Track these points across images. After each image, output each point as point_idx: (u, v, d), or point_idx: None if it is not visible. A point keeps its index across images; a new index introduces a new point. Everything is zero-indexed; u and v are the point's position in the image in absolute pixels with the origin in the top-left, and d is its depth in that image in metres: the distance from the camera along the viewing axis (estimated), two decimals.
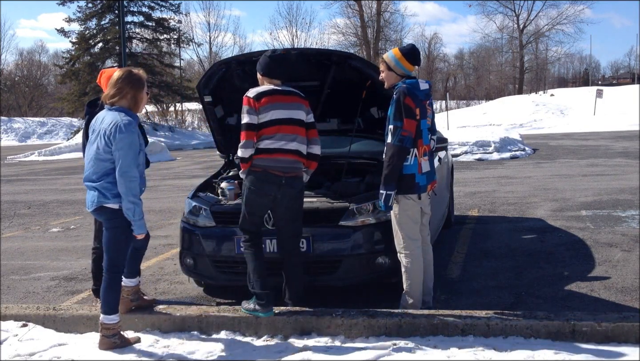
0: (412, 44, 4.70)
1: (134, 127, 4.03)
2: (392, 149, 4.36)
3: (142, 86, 4.16)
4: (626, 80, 67.81)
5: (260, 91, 4.42)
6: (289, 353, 4.01)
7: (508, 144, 18.61)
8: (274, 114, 4.36)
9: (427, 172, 4.53)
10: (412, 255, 4.48)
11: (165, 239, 8.01)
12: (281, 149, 4.38)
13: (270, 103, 4.36)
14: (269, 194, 4.40)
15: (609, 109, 35.36)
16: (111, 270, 4.16)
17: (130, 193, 3.98)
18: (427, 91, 4.57)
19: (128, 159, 3.97)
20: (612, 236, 7.10)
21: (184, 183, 14.43)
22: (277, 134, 4.37)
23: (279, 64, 4.51)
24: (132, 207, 4.00)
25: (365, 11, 50.04)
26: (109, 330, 4.16)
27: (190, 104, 42.46)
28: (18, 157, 26.84)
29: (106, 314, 4.15)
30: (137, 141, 4.05)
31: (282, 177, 4.38)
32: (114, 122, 3.99)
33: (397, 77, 4.51)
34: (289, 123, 4.40)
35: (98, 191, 4.06)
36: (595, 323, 4.02)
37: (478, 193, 10.83)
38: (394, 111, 4.37)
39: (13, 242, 8.30)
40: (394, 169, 4.36)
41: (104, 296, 4.16)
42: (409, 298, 4.53)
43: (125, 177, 3.97)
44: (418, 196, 4.49)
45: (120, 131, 3.95)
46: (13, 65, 62.07)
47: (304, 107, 4.51)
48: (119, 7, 30.09)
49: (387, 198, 4.38)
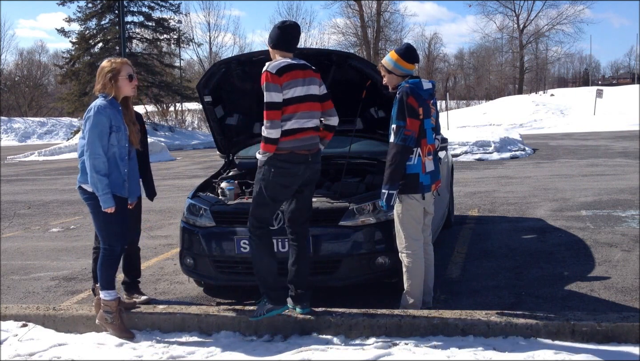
0: (407, 43, 4.71)
1: (103, 110, 4.32)
2: (395, 148, 4.35)
3: (117, 72, 4.43)
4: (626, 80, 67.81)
5: (281, 66, 4.19)
6: (289, 353, 4.01)
7: (508, 144, 18.61)
8: (295, 92, 4.21)
9: (431, 172, 4.53)
10: (413, 255, 4.48)
11: (165, 239, 8.01)
12: (302, 128, 4.26)
13: (293, 79, 4.20)
14: (298, 174, 4.27)
15: (609, 109, 35.36)
16: (102, 247, 4.44)
17: (93, 168, 4.26)
18: (431, 90, 4.56)
19: (92, 137, 4.28)
20: (612, 236, 7.10)
21: (184, 183, 14.43)
22: (297, 113, 4.22)
23: (293, 35, 4.34)
24: (95, 182, 4.27)
25: (365, 11, 50.05)
26: (104, 305, 4.40)
27: (190, 104, 42.43)
28: (18, 157, 26.84)
29: (100, 289, 4.43)
30: (105, 122, 4.30)
31: (307, 155, 4.30)
32: (89, 107, 4.40)
33: (398, 78, 4.51)
34: (307, 100, 4.28)
35: (80, 172, 4.43)
36: (595, 323, 4.02)
37: (478, 193, 10.83)
38: (397, 111, 4.37)
39: (13, 242, 8.30)
40: (397, 168, 4.36)
41: (98, 271, 4.48)
42: (410, 298, 4.53)
43: (87, 153, 4.29)
44: (422, 195, 4.49)
45: (88, 112, 4.35)
46: (13, 65, 62.17)
47: (317, 81, 4.38)
48: (119, 7, 30.09)
49: (389, 197, 4.38)
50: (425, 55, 60.91)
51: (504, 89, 61.12)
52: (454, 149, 17.19)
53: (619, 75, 79.78)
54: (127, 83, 4.46)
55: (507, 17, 59.07)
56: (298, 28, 4.40)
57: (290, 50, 4.33)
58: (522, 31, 58.38)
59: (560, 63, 72.47)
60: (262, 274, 4.36)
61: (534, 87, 63.42)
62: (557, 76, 77.85)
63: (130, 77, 4.47)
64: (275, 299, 4.33)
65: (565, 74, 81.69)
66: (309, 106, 4.29)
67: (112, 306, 4.39)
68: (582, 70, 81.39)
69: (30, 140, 45.71)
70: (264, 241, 4.36)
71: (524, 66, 60.45)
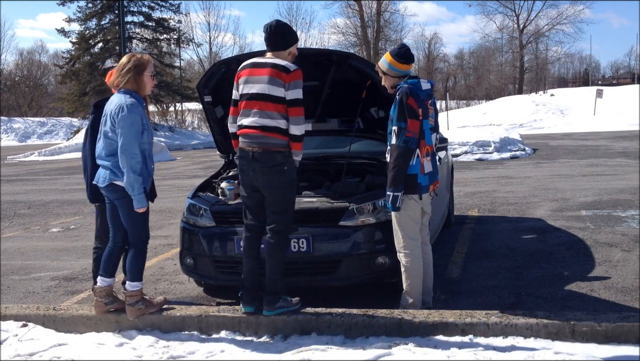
0: (401, 43, 4.73)
1: (136, 108, 4.30)
2: (397, 151, 4.35)
3: (144, 68, 4.40)
4: (626, 80, 67.81)
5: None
6: (289, 353, 4.01)
7: (508, 144, 18.61)
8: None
9: (429, 173, 4.53)
10: (412, 255, 4.49)
11: (165, 239, 8.01)
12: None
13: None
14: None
15: (609, 109, 35.34)
16: (134, 243, 4.51)
17: (131, 169, 4.24)
18: (429, 90, 4.57)
19: (129, 137, 4.24)
20: (612, 236, 7.10)
21: (184, 183, 14.43)
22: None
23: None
24: (132, 182, 4.26)
25: (365, 11, 50.04)
26: (133, 296, 4.48)
27: (190, 104, 42.44)
28: (18, 157, 26.83)
29: (131, 281, 4.50)
30: (140, 121, 4.30)
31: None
32: (119, 104, 4.30)
33: (394, 79, 4.52)
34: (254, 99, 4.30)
35: (110, 169, 4.37)
36: (595, 323, 4.02)
37: (478, 193, 10.83)
38: (397, 112, 4.36)
39: (13, 242, 8.30)
40: (400, 170, 4.36)
41: (130, 265, 4.52)
42: (409, 298, 4.53)
43: (126, 153, 4.25)
44: (419, 196, 4.49)
45: (122, 111, 4.26)
46: (13, 65, 62.14)
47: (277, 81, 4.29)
48: (119, 7, 30.11)
49: (395, 199, 4.38)
50: (425, 55, 60.96)
51: (504, 89, 61.10)
52: (454, 149, 17.18)
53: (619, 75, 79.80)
54: (150, 80, 4.47)
55: (507, 17, 59.13)
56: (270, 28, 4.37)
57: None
58: (522, 31, 58.38)
59: (560, 63, 72.56)
60: (280, 275, 4.42)
61: (534, 87, 63.40)
62: (557, 76, 77.86)
63: (153, 75, 4.49)
64: (290, 298, 4.44)
65: (565, 74, 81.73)
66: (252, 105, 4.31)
67: (140, 295, 4.52)
68: (582, 70, 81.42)
69: (30, 140, 45.71)
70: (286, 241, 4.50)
71: (524, 66, 60.44)
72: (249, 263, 4.45)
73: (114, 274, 4.63)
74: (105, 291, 4.56)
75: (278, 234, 4.37)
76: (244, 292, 4.45)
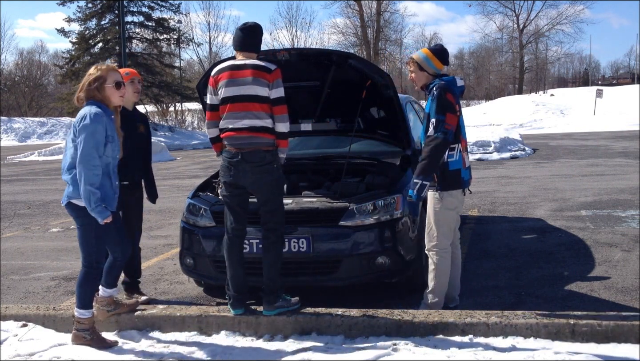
0: (440, 44, 4.73)
1: (100, 118, 4.04)
2: (436, 141, 4.26)
3: (103, 81, 4.15)
4: (626, 80, 67.88)
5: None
6: (289, 353, 4.00)
7: (508, 144, 18.61)
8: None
9: (469, 167, 4.60)
10: (443, 253, 4.51)
11: (165, 239, 8.01)
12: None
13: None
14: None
15: (609, 109, 35.37)
16: (85, 265, 4.25)
17: (87, 181, 3.97)
18: (462, 88, 4.57)
19: (89, 147, 3.98)
20: (612, 236, 7.10)
21: (184, 183, 14.43)
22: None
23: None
24: (88, 195, 3.98)
25: (365, 11, 50.04)
26: (80, 323, 4.22)
27: (190, 104, 42.48)
28: (18, 157, 26.81)
29: (78, 308, 4.23)
30: (102, 131, 4.04)
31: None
32: (82, 114, 4.09)
33: (428, 76, 4.50)
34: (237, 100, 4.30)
35: (70, 185, 4.12)
36: (595, 323, 4.02)
37: (478, 193, 10.82)
38: (436, 106, 4.31)
39: (13, 242, 8.30)
40: (434, 160, 4.28)
41: (78, 290, 4.25)
42: (434, 297, 4.54)
43: (83, 164, 3.98)
44: (462, 191, 4.51)
45: (84, 120, 4.03)
46: (13, 65, 62.13)
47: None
48: (119, 7, 30.09)
49: (422, 188, 4.28)
50: None
51: (504, 89, 61.15)
52: None
53: (619, 75, 79.87)
54: (114, 91, 4.18)
55: (507, 17, 59.16)
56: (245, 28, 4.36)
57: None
58: (522, 31, 58.39)
59: (560, 63, 72.58)
60: (278, 273, 4.44)
61: (534, 87, 63.45)
62: (557, 76, 77.91)
63: (117, 84, 4.19)
64: (291, 297, 4.46)
65: (565, 74, 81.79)
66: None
67: (89, 323, 4.25)
68: (582, 70, 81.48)
69: (30, 140, 45.63)
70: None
71: (524, 66, 60.46)
72: (232, 267, 4.44)
73: (115, 284, 4.58)
74: (107, 300, 4.54)
75: (274, 231, 4.40)
76: (229, 296, 4.46)
